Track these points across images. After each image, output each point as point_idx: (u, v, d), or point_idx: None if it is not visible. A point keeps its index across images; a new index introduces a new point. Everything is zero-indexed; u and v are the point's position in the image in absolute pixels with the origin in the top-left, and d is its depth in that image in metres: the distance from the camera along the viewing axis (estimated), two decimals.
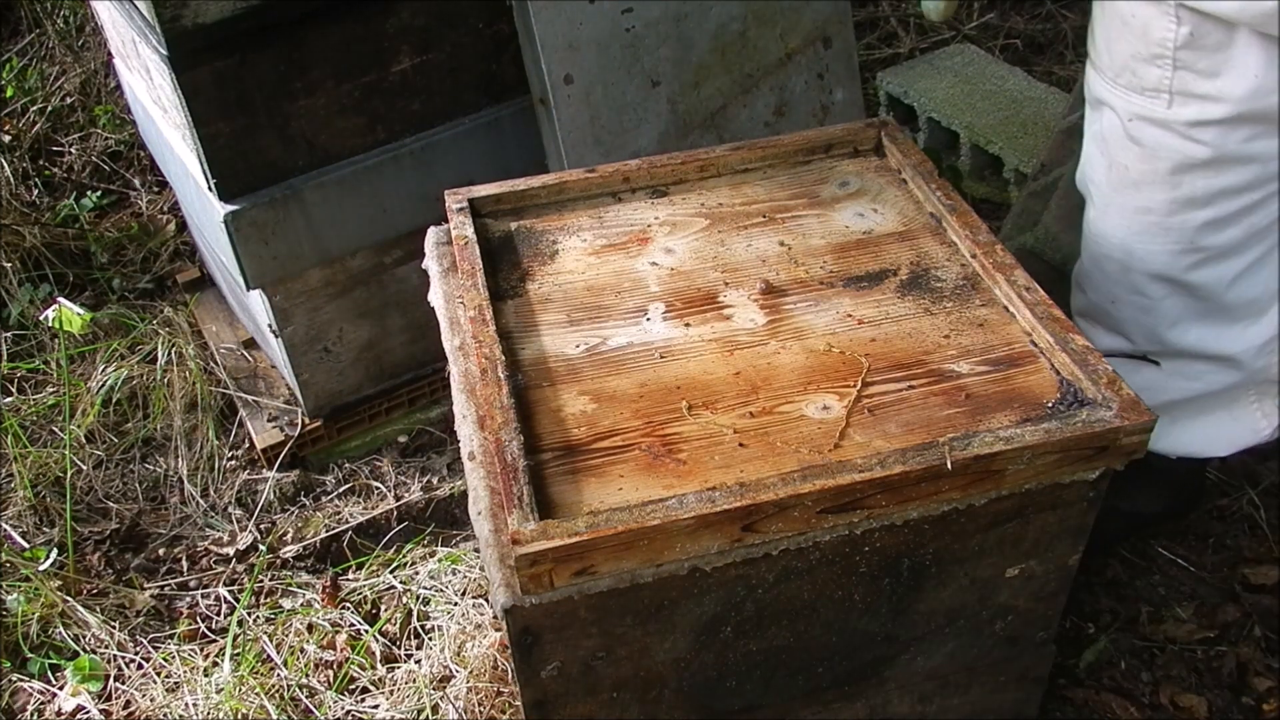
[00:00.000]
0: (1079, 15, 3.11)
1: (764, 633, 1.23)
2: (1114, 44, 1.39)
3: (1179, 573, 1.81)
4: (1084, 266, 1.60)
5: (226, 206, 1.82)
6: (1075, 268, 1.64)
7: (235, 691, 1.72)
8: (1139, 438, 1.13)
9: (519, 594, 1.07)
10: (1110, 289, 1.55)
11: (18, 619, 1.85)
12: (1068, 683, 1.67)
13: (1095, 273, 1.56)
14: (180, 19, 1.62)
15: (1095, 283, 1.58)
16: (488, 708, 1.68)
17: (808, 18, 2.01)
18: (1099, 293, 1.58)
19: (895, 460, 1.09)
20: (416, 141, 1.93)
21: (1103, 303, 1.58)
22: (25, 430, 2.16)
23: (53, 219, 2.69)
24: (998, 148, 2.49)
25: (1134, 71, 1.37)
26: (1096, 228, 1.54)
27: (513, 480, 1.08)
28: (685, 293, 1.35)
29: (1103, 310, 1.59)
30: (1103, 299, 1.58)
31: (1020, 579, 1.28)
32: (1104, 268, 1.54)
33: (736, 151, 1.53)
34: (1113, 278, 1.54)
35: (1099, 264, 1.55)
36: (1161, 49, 1.33)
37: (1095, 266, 1.56)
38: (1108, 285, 1.55)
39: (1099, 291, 1.58)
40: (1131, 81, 1.39)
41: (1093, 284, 1.59)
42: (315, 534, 2.01)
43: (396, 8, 1.79)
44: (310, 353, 2.04)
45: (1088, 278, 1.59)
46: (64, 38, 2.97)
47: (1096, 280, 1.57)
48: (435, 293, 1.41)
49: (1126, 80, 1.39)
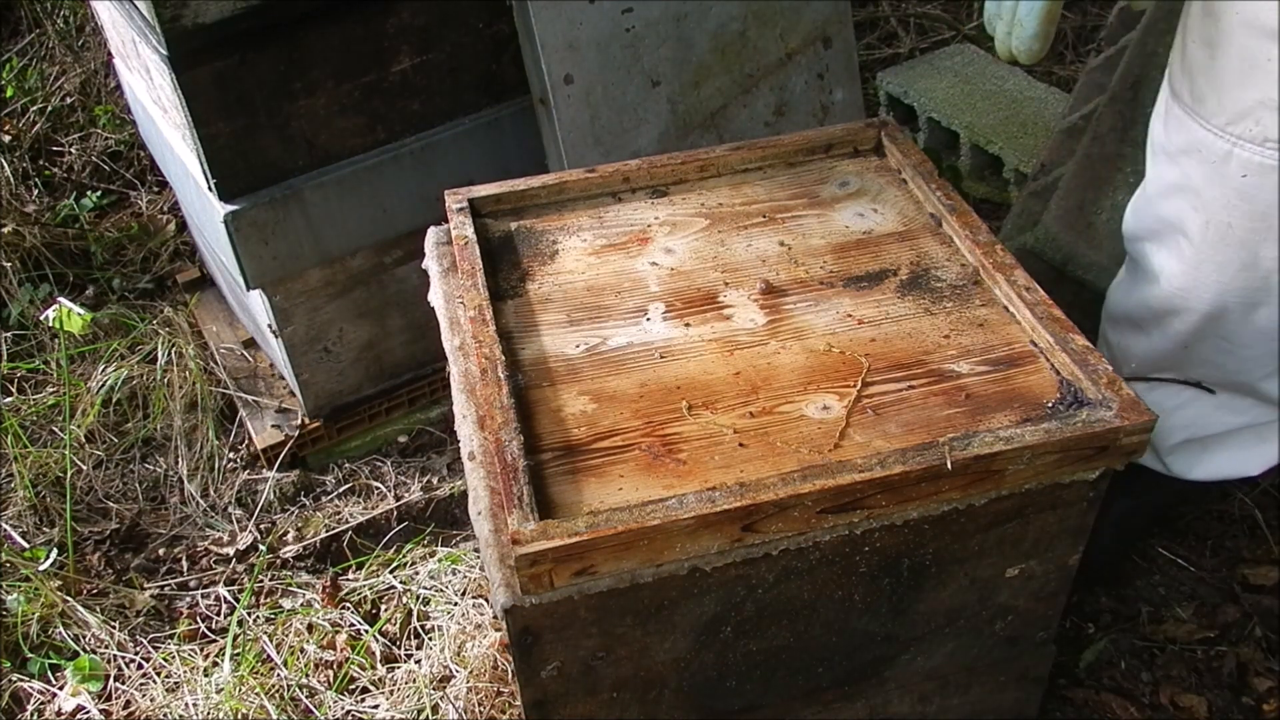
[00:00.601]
0: (1079, 15, 3.11)
1: (764, 633, 1.23)
2: (1235, 89, 1.27)
3: (1179, 573, 1.81)
4: (1158, 316, 1.50)
5: (226, 206, 1.82)
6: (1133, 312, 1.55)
7: (235, 691, 1.72)
8: (1139, 438, 1.13)
9: (519, 594, 1.07)
10: (1188, 337, 1.48)
11: (18, 619, 1.85)
12: (1068, 683, 1.67)
13: (1175, 324, 1.47)
14: (180, 19, 1.62)
15: (1172, 333, 1.49)
16: (488, 708, 1.68)
17: (808, 18, 2.01)
18: (1171, 341, 1.50)
19: (895, 460, 1.09)
20: (416, 141, 1.93)
21: (1173, 350, 1.51)
22: (25, 430, 2.16)
23: (53, 219, 2.69)
24: (998, 148, 2.49)
25: (1258, 120, 1.25)
26: (1183, 283, 1.43)
27: (513, 480, 1.08)
28: (685, 293, 1.35)
29: (1169, 356, 1.53)
30: (1175, 347, 1.50)
31: (1020, 579, 1.28)
32: (1187, 320, 1.45)
33: (736, 151, 1.53)
34: (1196, 327, 1.45)
35: (1182, 317, 1.45)
36: None
37: (1177, 319, 1.46)
38: (1186, 334, 1.47)
39: (1171, 339, 1.49)
40: (1251, 131, 1.26)
41: (1166, 333, 1.49)
42: (315, 534, 2.01)
43: (396, 8, 1.79)
44: (310, 353, 2.04)
45: (1158, 324, 1.50)
46: (64, 38, 2.97)
47: (1174, 330, 1.48)
48: (435, 293, 1.41)
49: (1244, 129, 1.27)
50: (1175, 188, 1.40)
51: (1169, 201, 1.42)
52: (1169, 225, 1.43)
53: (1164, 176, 1.42)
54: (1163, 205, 1.44)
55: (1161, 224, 1.45)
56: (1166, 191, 1.42)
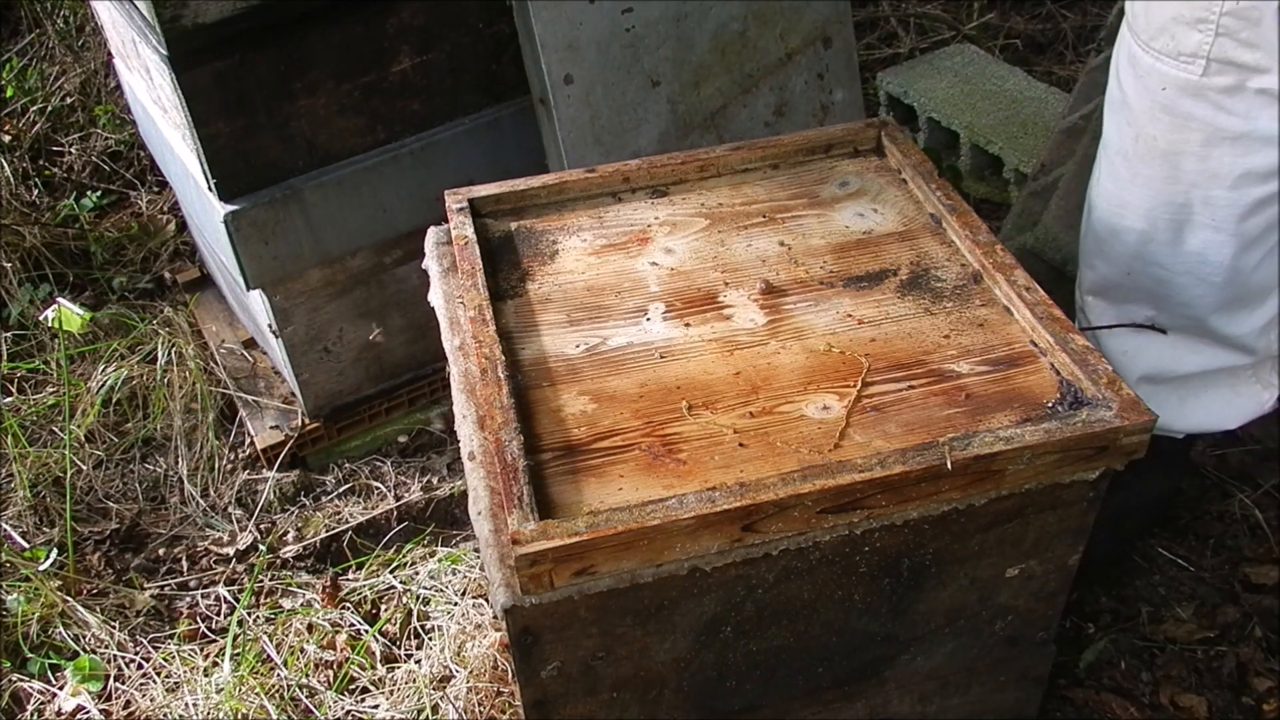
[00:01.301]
0: (1079, 15, 3.11)
1: (764, 633, 1.23)
2: (1155, 4, 1.34)
3: (1179, 573, 1.81)
4: (1098, 238, 1.55)
5: (226, 206, 1.82)
6: (1084, 242, 1.60)
7: (235, 691, 1.72)
8: (1139, 438, 1.13)
9: (519, 594, 1.07)
10: (1127, 261, 1.52)
11: (18, 619, 1.85)
12: (1068, 683, 1.67)
13: (1113, 243, 1.52)
14: (180, 19, 1.62)
15: (1112, 254, 1.54)
16: (488, 708, 1.68)
17: (808, 18, 2.01)
18: (1113, 265, 1.54)
19: (895, 460, 1.09)
20: (416, 141, 1.93)
21: (1116, 275, 1.55)
22: (25, 430, 2.16)
23: (53, 219, 2.69)
24: (998, 148, 2.49)
25: (1173, 35, 1.33)
26: (1118, 197, 1.49)
27: (513, 480, 1.08)
28: (685, 293, 1.35)
29: (1114, 283, 1.56)
30: (1117, 271, 1.54)
31: (1020, 579, 1.28)
32: (1123, 238, 1.50)
33: (736, 151, 1.53)
34: (1131, 248, 1.50)
35: (1118, 235, 1.51)
36: (1206, 12, 1.28)
37: (1113, 237, 1.52)
38: (1125, 257, 1.52)
39: (1114, 264, 1.54)
40: (1168, 45, 1.34)
41: (1107, 256, 1.55)
42: (315, 534, 2.01)
43: (396, 8, 1.79)
44: (310, 353, 2.04)
45: (1102, 250, 1.55)
46: (64, 38, 2.97)
47: (1113, 251, 1.53)
48: (435, 293, 1.41)
49: (1162, 44, 1.34)
50: (1115, 104, 1.46)
51: (1110, 120, 1.48)
52: (1108, 145, 1.49)
53: (1110, 96, 1.48)
54: (1106, 125, 1.49)
55: (1103, 145, 1.50)
56: (1110, 110, 1.48)
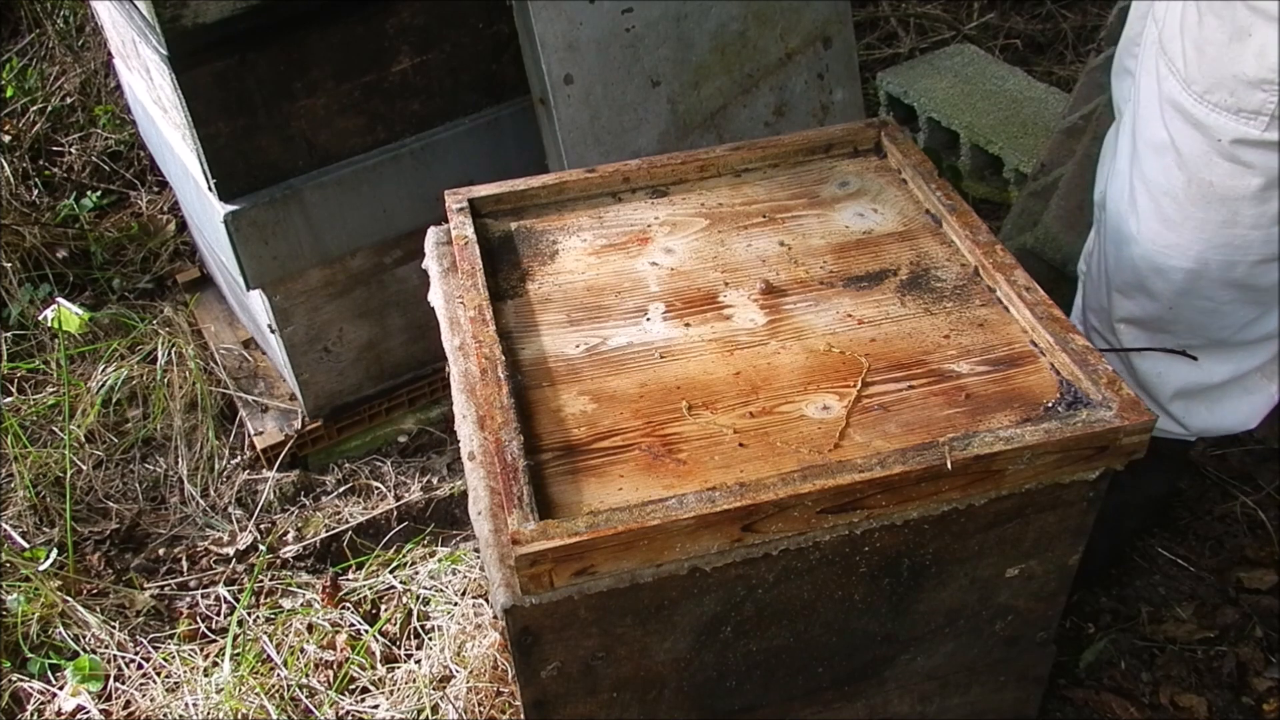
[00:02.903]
0: (1079, 15, 3.11)
1: (764, 633, 1.23)
2: (1214, 61, 1.30)
3: (1179, 573, 1.81)
4: (1140, 275, 1.53)
5: (226, 206, 1.82)
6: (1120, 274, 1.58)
7: (235, 691, 1.72)
8: (1139, 438, 1.13)
9: (519, 594, 1.07)
10: (1172, 297, 1.51)
11: (18, 619, 1.85)
12: (1068, 683, 1.67)
13: (1157, 281, 1.50)
14: (180, 19, 1.62)
15: (1156, 291, 1.52)
16: (488, 708, 1.68)
17: (808, 18, 2.01)
18: (1157, 301, 1.53)
19: (895, 460, 1.09)
20: (416, 141, 1.93)
21: (1158, 310, 1.54)
22: (25, 430, 2.16)
23: (53, 219, 2.69)
24: (998, 148, 2.49)
25: (1232, 91, 1.29)
26: (1166, 238, 1.46)
27: (513, 480, 1.08)
28: (685, 293, 1.35)
29: (1155, 316, 1.55)
30: (1159, 307, 1.53)
31: (1020, 579, 1.28)
32: (1170, 277, 1.48)
33: (736, 151, 1.53)
34: (1178, 286, 1.49)
35: (1164, 274, 1.49)
36: (1271, 74, 1.25)
37: (1158, 275, 1.50)
38: (1170, 294, 1.50)
39: (1157, 300, 1.53)
40: (1227, 100, 1.30)
41: (1151, 293, 1.53)
42: (315, 534, 2.01)
43: (396, 8, 1.79)
44: (310, 353, 2.04)
45: (1145, 286, 1.53)
46: (64, 38, 2.97)
47: (1158, 289, 1.51)
48: (435, 293, 1.41)
49: (1219, 99, 1.31)
50: (1160, 146, 1.43)
51: (1152, 160, 1.46)
52: (1151, 185, 1.46)
53: (1149, 135, 1.45)
54: (1146, 164, 1.47)
55: (1144, 184, 1.48)
56: (1151, 150, 1.45)
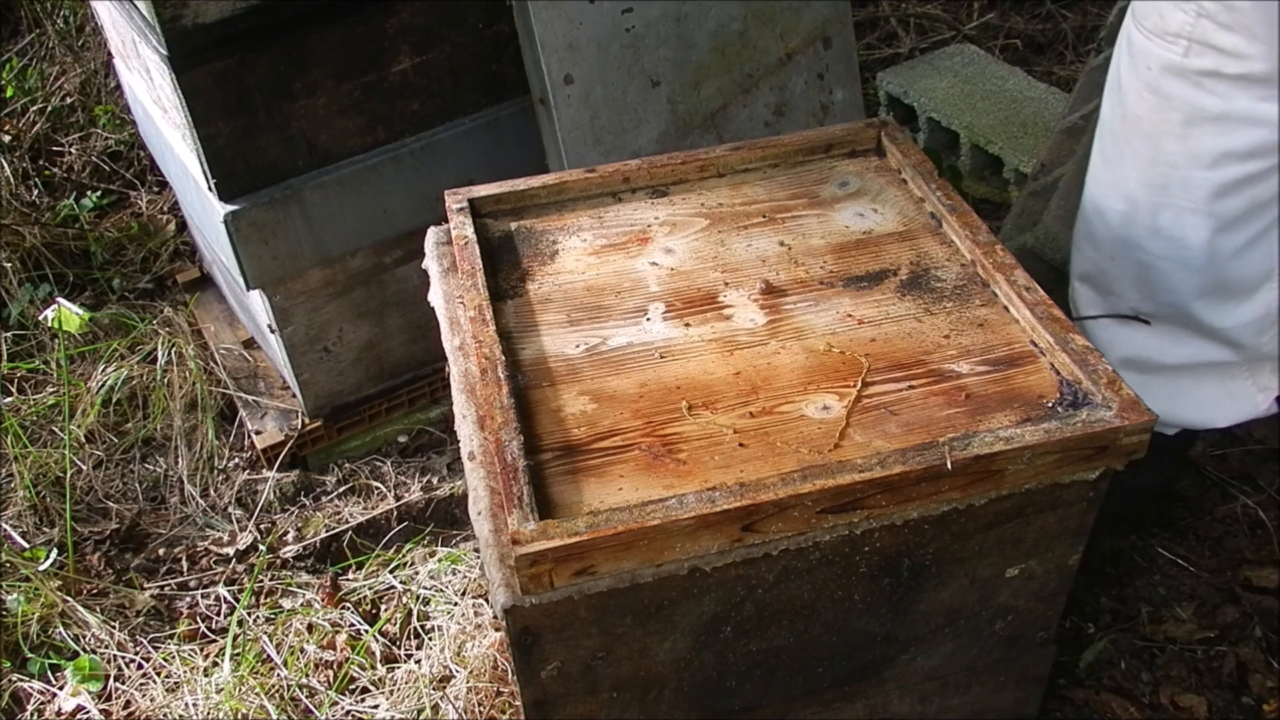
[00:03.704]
0: (1079, 15, 3.11)
1: (764, 633, 1.23)
2: None
3: (1179, 573, 1.81)
4: (1086, 221, 1.57)
5: (226, 206, 1.82)
6: (1076, 227, 1.61)
7: (235, 691, 1.72)
8: (1139, 438, 1.13)
9: (519, 594, 1.07)
10: (1111, 245, 1.53)
11: (18, 619, 1.85)
12: (1068, 683, 1.67)
13: (1099, 226, 1.54)
14: (180, 19, 1.62)
15: (1097, 237, 1.55)
16: (488, 708, 1.68)
17: (808, 18, 2.01)
18: (1099, 249, 1.55)
19: (895, 460, 1.09)
20: (416, 141, 1.93)
21: (1101, 260, 1.56)
22: (25, 430, 2.16)
23: (53, 219, 2.69)
24: (998, 148, 2.49)
25: (1161, 13, 1.34)
26: (1105, 178, 1.51)
27: (513, 480, 1.08)
28: (685, 293, 1.35)
29: (1100, 269, 1.57)
30: (1102, 256, 1.55)
31: (1020, 579, 1.28)
32: (1108, 220, 1.51)
33: (736, 151, 1.53)
34: (1115, 231, 1.51)
35: (1103, 216, 1.52)
36: None
37: (1099, 219, 1.53)
38: (1109, 240, 1.53)
39: (1099, 248, 1.55)
40: (1156, 24, 1.35)
41: (1094, 239, 1.56)
42: (315, 534, 2.01)
43: (396, 8, 1.79)
44: (310, 353, 2.04)
45: (1089, 233, 1.56)
46: (64, 38, 2.97)
47: (1099, 234, 1.54)
48: (435, 293, 1.41)
49: (1152, 23, 1.36)
50: (1110, 85, 1.47)
51: (1105, 101, 1.49)
52: (1102, 125, 1.50)
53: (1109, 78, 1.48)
54: (1103, 107, 1.50)
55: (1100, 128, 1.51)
56: (1108, 91, 1.48)
